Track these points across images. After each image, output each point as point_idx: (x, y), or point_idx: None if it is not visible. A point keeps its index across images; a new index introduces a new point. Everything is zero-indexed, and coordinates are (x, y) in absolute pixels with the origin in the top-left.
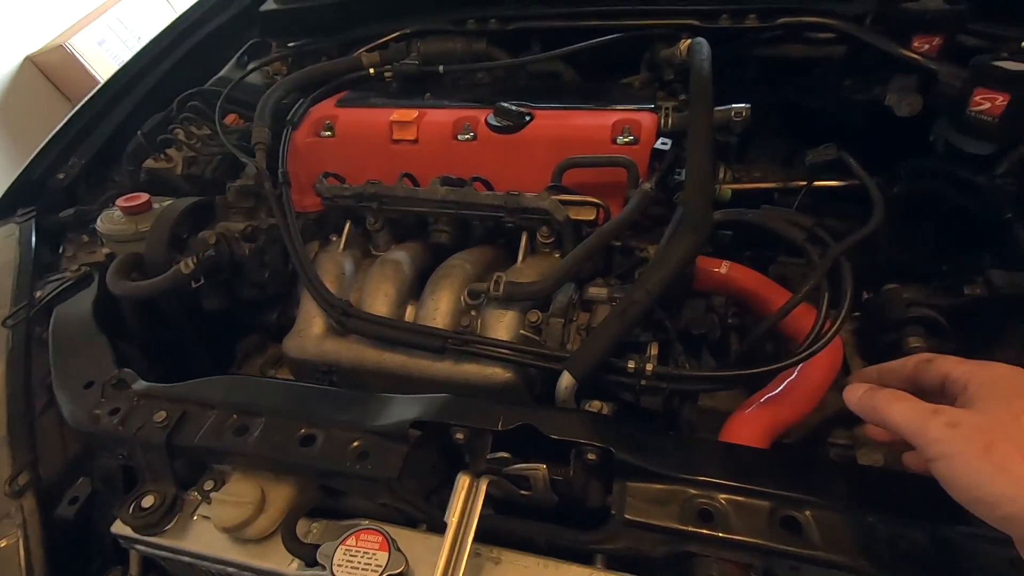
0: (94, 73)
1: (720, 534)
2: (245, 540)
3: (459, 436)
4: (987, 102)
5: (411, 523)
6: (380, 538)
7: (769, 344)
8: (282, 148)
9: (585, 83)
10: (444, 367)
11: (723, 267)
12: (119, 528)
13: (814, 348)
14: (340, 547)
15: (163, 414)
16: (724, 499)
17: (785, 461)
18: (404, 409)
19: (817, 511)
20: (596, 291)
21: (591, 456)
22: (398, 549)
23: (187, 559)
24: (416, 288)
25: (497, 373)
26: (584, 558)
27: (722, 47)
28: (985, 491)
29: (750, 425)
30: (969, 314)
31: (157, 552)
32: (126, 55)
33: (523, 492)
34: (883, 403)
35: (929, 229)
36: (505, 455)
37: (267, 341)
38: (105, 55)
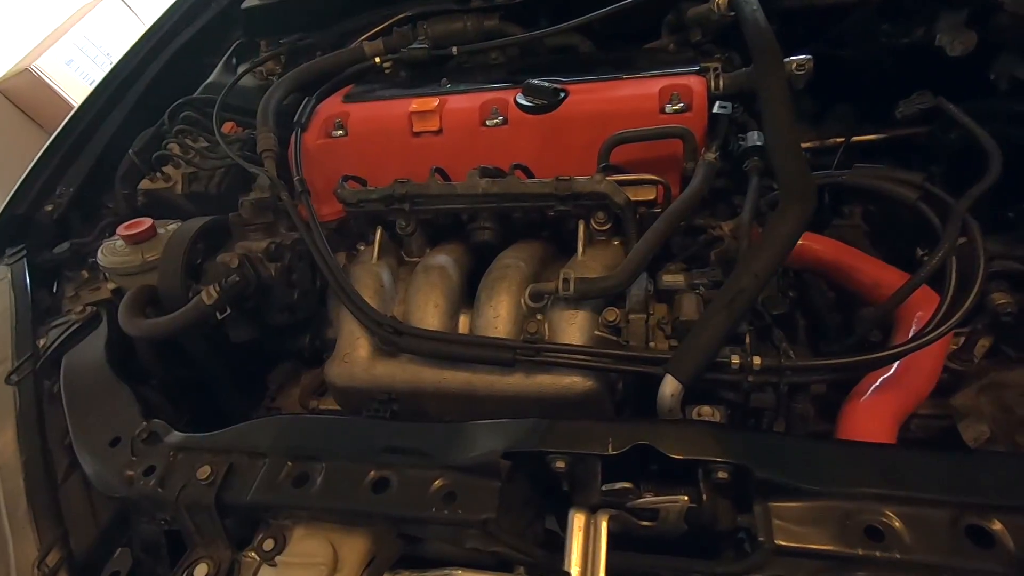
0: (64, 95)
1: (897, 555)
2: None
3: (559, 465)
4: None
5: (503, 566)
6: None
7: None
8: (295, 153)
9: (607, 53)
10: (514, 381)
11: None
12: None
13: (950, 324)
14: None
15: (207, 469)
16: (893, 512)
17: (953, 459)
18: (487, 438)
19: (1011, 517)
20: (672, 279)
21: (722, 475)
22: None
23: None
24: (465, 295)
25: (576, 383)
26: None
27: None
28: None
29: (875, 415)
30: None
31: None
32: (97, 73)
33: (644, 524)
34: None
35: None
36: (627, 485)
37: (300, 368)
38: (75, 75)
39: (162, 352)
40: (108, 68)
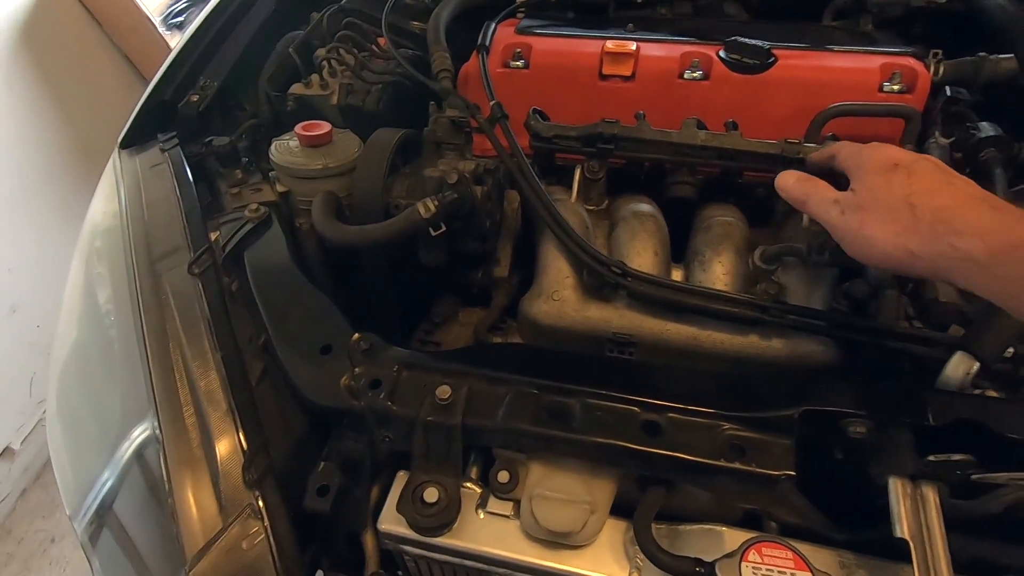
0: None
1: None
2: (560, 545)
3: (858, 429)
4: None
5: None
6: (790, 554)
7: None
8: (485, 76)
9: (780, 26)
10: (748, 341)
11: None
12: (391, 525)
13: None
14: (743, 563)
15: (447, 390)
16: None
17: None
18: (773, 391)
19: None
20: None
21: None
22: (821, 571)
23: (477, 564)
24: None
25: (817, 351)
26: None
27: None
28: (864, 257)
29: None
30: None
31: (434, 555)
32: None
33: (955, 501)
34: (803, 194)
35: None
36: (966, 457)
37: (457, 305)
38: None
39: (336, 267)
40: None
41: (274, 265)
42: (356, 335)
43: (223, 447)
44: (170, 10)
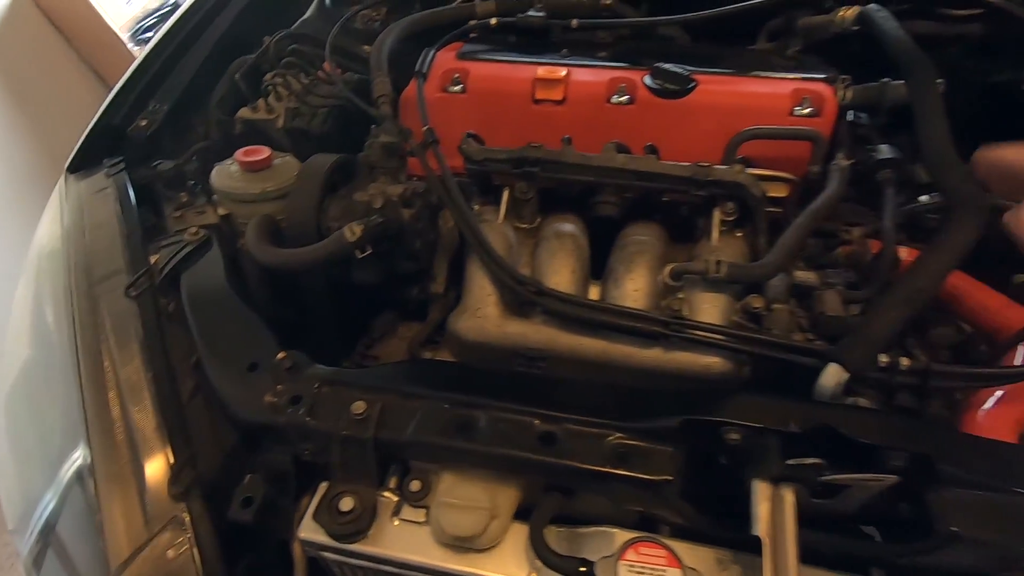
0: (99, 10)
1: None
2: (466, 548)
3: (733, 436)
4: None
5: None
6: (664, 552)
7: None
8: (420, 102)
9: (705, 48)
10: (653, 355)
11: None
12: (310, 533)
13: None
14: (620, 562)
15: (362, 405)
16: None
17: None
18: (659, 403)
19: None
20: (805, 276)
21: (900, 463)
22: (690, 567)
23: (392, 569)
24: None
25: (716, 363)
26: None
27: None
28: None
29: (1001, 423)
30: None
31: (351, 560)
32: None
33: (816, 501)
34: None
35: None
36: (817, 461)
37: (397, 320)
38: None
39: (276, 286)
40: None
41: (209, 286)
42: (282, 353)
43: (151, 463)
44: (139, 25)
